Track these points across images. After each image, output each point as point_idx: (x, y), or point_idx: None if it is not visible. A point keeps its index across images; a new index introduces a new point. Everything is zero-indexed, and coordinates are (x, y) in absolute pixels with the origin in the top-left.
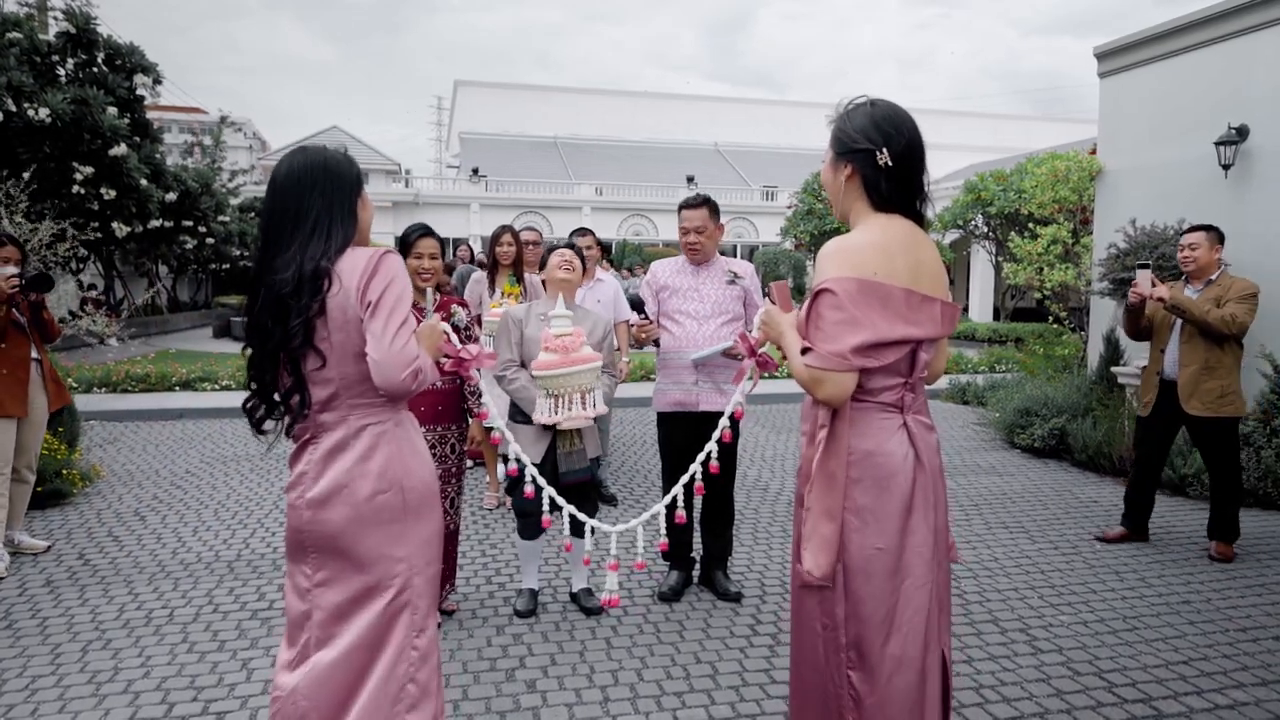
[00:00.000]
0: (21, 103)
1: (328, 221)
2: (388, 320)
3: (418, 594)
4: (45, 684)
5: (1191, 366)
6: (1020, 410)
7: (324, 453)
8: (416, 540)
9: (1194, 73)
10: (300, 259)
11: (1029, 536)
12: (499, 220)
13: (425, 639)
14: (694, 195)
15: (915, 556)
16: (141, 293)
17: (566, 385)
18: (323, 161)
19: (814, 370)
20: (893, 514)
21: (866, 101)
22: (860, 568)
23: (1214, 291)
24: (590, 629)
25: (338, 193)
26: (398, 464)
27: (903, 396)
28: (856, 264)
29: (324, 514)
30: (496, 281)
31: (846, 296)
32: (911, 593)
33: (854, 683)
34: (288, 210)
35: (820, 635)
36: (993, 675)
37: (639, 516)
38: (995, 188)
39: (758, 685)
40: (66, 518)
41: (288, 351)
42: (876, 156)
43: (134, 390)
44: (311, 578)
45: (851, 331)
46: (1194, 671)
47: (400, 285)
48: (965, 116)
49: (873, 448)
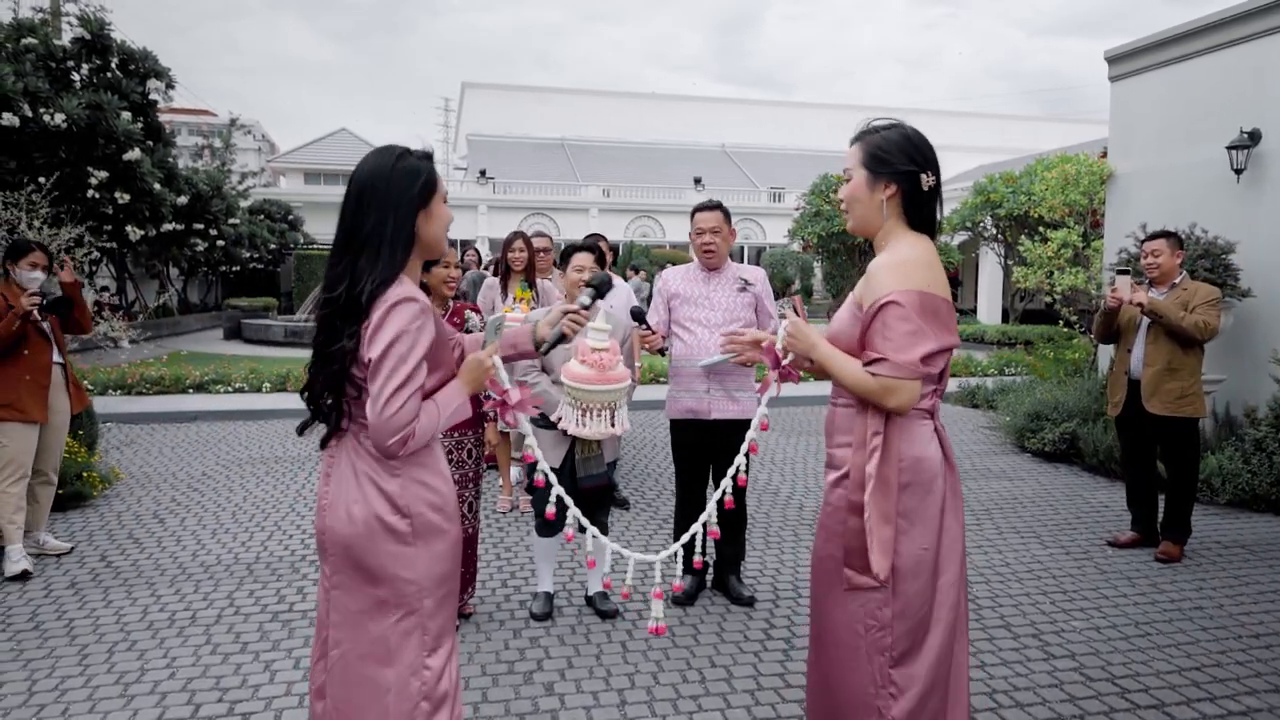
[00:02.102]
0: (37, 108)
1: (378, 240)
2: (384, 383)
3: (428, 615)
4: (74, 684)
5: (1155, 367)
6: (1031, 414)
7: (343, 466)
8: (426, 563)
9: (1206, 77)
10: (350, 278)
11: (1040, 541)
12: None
13: (438, 658)
14: (707, 199)
15: (949, 553)
16: (153, 295)
17: (595, 400)
18: (389, 169)
19: (887, 379)
20: (933, 515)
21: (898, 124)
22: (909, 569)
23: (1179, 296)
24: (606, 632)
25: (397, 207)
26: (410, 489)
27: (934, 403)
28: (918, 279)
29: (336, 525)
30: (509, 287)
31: (913, 308)
32: (946, 589)
33: (895, 679)
34: (350, 218)
35: (862, 638)
36: (1006, 680)
37: (666, 548)
38: (1004, 189)
39: (773, 689)
40: (88, 520)
41: (331, 372)
42: (922, 179)
43: (148, 393)
44: (330, 579)
45: (920, 341)
46: (1207, 678)
47: (406, 343)
48: (972, 117)
49: (919, 454)
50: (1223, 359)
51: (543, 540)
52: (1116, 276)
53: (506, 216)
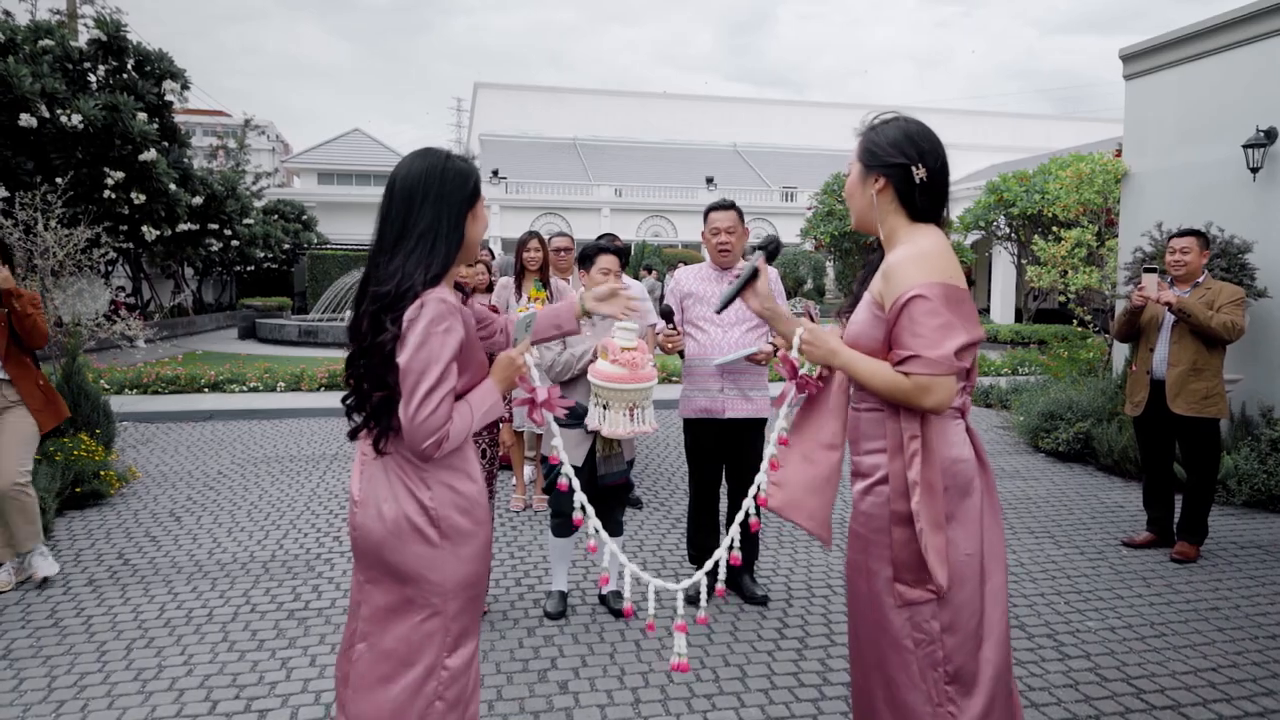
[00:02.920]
0: (54, 109)
1: (432, 236)
2: (415, 386)
3: (451, 617)
4: (93, 680)
5: (1179, 367)
6: (1044, 414)
7: (374, 466)
8: (453, 566)
9: (1221, 75)
10: (402, 273)
11: (1054, 541)
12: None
13: (458, 659)
14: (721, 198)
15: (993, 558)
16: (168, 295)
17: (623, 399)
18: (441, 170)
19: (921, 378)
20: (974, 519)
21: (897, 117)
22: (955, 577)
23: (1203, 295)
24: (620, 631)
25: (450, 205)
26: (439, 492)
27: (965, 401)
28: (939, 268)
29: (365, 524)
30: (523, 286)
31: (940, 300)
32: (994, 594)
33: (953, 696)
34: (399, 217)
35: (913, 653)
36: (1021, 681)
37: (691, 576)
38: (1018, 188)
39: (786, 688)
40: (105, 518)
41: (370, 366)
42: (912, 171)
43: (164, 392)
44: (364, 572)
45: (952, 334)
46: (1223, 679)
47: (434, 344)
48: (985, 116)
49: (955, 455)
50: (1238, 359)
51: (558, 540)
52: (1144, 274)
53: (519, 216)
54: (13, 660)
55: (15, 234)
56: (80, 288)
